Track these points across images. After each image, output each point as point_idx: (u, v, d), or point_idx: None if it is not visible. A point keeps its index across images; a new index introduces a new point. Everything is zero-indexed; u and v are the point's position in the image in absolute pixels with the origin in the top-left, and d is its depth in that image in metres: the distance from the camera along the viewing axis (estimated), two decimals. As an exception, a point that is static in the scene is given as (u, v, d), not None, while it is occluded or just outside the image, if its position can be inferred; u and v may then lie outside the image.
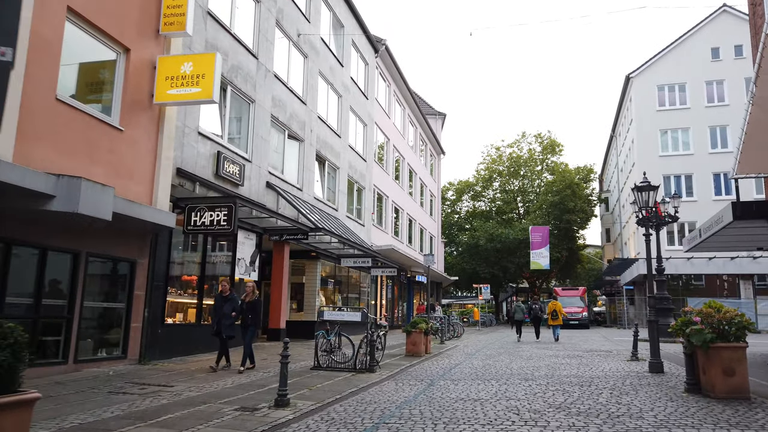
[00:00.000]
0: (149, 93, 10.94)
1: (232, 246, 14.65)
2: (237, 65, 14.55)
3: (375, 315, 24.90)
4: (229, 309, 10.13)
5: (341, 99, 22.42)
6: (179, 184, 12.05)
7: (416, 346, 14.38)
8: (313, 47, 19.60)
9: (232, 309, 10.14)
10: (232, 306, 10.18)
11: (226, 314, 10.07)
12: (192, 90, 10.81)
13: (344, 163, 22.45)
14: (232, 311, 10.13)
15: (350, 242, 19.27)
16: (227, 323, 10.07)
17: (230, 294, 10.36)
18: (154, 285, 11.34)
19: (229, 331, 10.14)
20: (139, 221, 10.07)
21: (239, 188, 14.29)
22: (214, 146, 13.43)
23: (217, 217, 11.68)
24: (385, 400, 7.65)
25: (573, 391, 8.27)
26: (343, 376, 10.10)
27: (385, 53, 27.85)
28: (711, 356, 7.25)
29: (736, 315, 7.35)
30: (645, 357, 13.26)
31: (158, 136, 11.18)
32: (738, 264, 32.12)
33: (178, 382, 8.85)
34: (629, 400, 7.43)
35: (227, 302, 10.17)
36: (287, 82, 17.64)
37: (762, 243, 13.56)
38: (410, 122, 34.96)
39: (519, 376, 10.19)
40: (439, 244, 43.56)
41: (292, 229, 15.96)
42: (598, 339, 22.98)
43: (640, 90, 37.23)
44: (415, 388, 8.79)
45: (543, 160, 53.61)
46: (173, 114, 11.56)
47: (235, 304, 10.20)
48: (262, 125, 15.80)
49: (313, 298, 19.59)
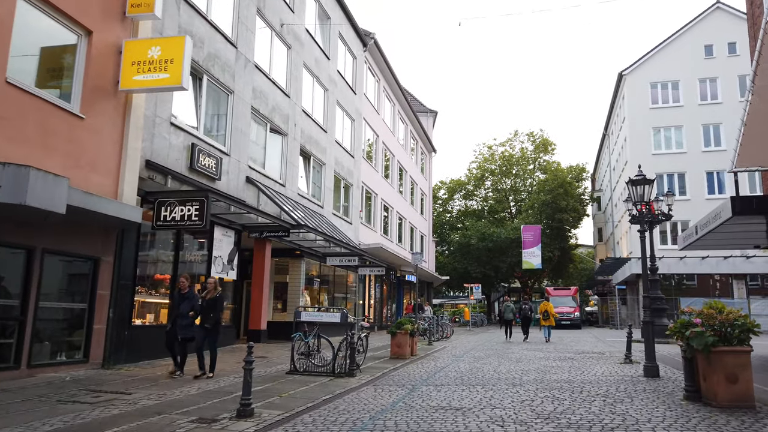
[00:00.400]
0: (114, 79, 10.24)
1: (208, 243, 13.97)
2: (214, 54, 13.87)
3: (363, 315, 24.26)
4: (187, 308, 9.30)
5: (327, 93, 21.76)
6: (149, 177, 11.35)
7: (401, 348, 13.76)
8: (298, 38, 18.93)
9: (191, 308, 9.31)
10: (191, 304, 9.35)
11: (183, 313, 9.25)
12: (160, 76, 10.12)
13: (330, 159, 21.79)
14: (190, 310, 9.30)
15: (336, 240, 18.62)
16: (184, 323, 9.24)
17: (189, 291, 9.47)
18: (120, 284, 10.64)
19: (186, 332, 9.28)
20: (101, 216, 9.38)
21: (216, 183, 13.61)
22: (189, 138, 12.74)
23: (189, 212, 11.00)
24: (359, 409, 7.03)
25: (563, 398, 7.68)
26: (319, 381, 9.46)
27: (373, 47, 27.21)
28: (713, 361, 6.68)
29: (739, 316, 6.79)
30: (639, 359, 12.72)
31: (124, 125, 10.48)
32: (731, 263, 31.78)
33: (139, 389, 8.18)
34: (624, 408, 6.84)
35: (185, 300, 9.34)
36: (269, 73, 16.96)
37: (759, 241, 13.05)
38: (400, 119, 34.34)
39: (506, 381, 9.59)
40: (430, 244, 42.98)
41: (273, 225, 15.29)
42: (590, 340, 22.47)
43: (632, 87, 36.80)
44: (394, 395, 8.17)
45: (535, 159, 53.25)
46: (141, 102, 10.87)
47: (194, 303, 9.36)
48: (241, 117, 15.12)
49: (297, 298, 18.93)
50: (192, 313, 9.27)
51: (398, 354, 13.68)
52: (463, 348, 17.78)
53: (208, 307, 9.30)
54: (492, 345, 19.23)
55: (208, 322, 9.21)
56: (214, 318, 9.27)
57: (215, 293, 9.47)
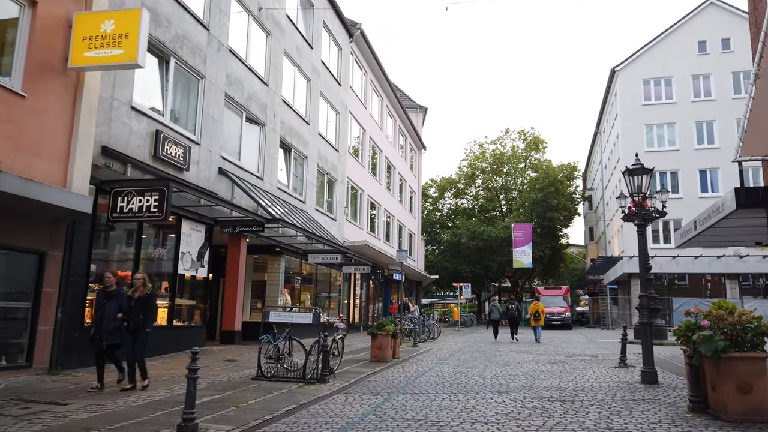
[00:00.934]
0: (63, 56, 9.29)
1: (175, 238, 13.04)
2: (182, 35, 12.93)
3: (337, 315, 23.33)
4: (113, 308, 8.12)
5: (310, 83, 20.85)
6: (105, 164, 10.41)
7: (382, 350, 12.92)
8: (278, 24, 18.01)
9: (117, 308, 8.14)
10: (117, 304, 8.04)
11: (108, 314, 8.07)
12: (113, 52, 9.19)
13: (313, 152, 20.88)
14: (118, 311, 8.10)
15: (317, 237, 17.73)
16: (110, 327, 8.05)
17: (116, 289, 8.22)
18: (70, 281, 9.69)
19: (113, 337, 7.96)
20: (46, 205, 8.43)
21: (184, 173, 12.68)
22: (153, 124, 11.80)
23: (147, 202, 10.07)
24: (323, 423, 6.17)
25: (554, 409, 6.85)
26: (287, 388, 8.59)
27: (360, 38, 26.32)
28: (723, 369, 5.88)
29: (753, 318, 5.99)
30: (634, 363, 11.97)
31: (75, 106, 9.52)
32: (724, 263, 31.24)
33: (78, 399, 7.26)
34: (622, 423, 6.02)
35: (111, 299, 8.15)
36: (246, 59, 16.04)
37: (761, 237, 12.34)
38: (389, 114, 33.47)
39: (492, 387, 8.76)
40: (420, 242, 42.15)
41: (247, 220, 14.35)
42: (581, 341, 21.73)
43: (625, 84, 36.17)
44: (366, 405, 7.31)
45: (526, 158, 52.58)
46: (95, 82, 9.92)
47: (122, 302, 8.17)
48: (213, 104, 14.19)
49: (276, 297, 18.03)
50: (119, 315, 8.01)
51: (379, 357, 12.84)
52: (450, 350, 16.95)
53: (137, 308, 8.06)
54: (480, 346, 18.42)
55: (135, 325, 8.00)
56: (145, 321, 8.06)
57: (145, 291, 8.19)
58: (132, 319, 8.00)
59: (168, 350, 12.28)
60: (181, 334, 13.21)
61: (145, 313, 8.07)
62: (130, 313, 8.02)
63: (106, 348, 8.02)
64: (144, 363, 8.16)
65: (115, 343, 8.01)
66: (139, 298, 8.11)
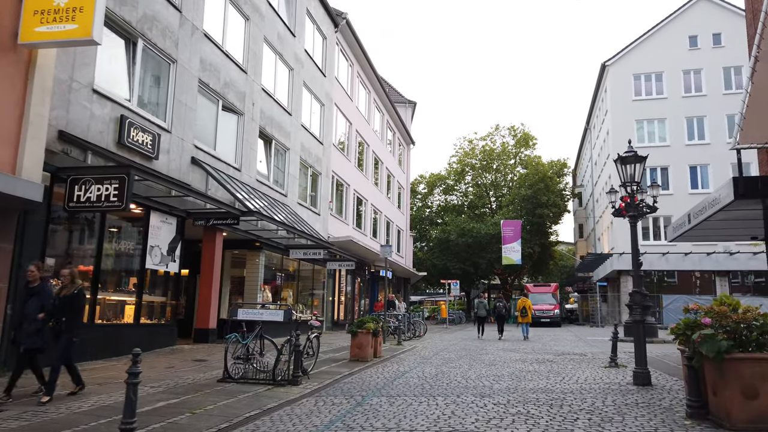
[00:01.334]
0: (12, 31, 8.55)
1: (143, 231, 12.32)
2: (152, 15, 12.19)
3: (316, 313, 22.70)
4: (35, 307, 6.88)
5: (293, 73, 20.13)
6: (63, 150, 9.68)
7: (362, 349, 12.30)
8: (257, 9, 17.28)
9: (39, 307, 6.88)
10: (40, 302, 6.90)
11: (28, 314, 7.03)
12: (66, 27, 8.46)
13: (296, 144, 20.18)
14: (40, 311, 6.86)
15: (298, 231, 17.06)
16: (30, 329, 6.81)
17: (40, 285, 7.07)
18: (21, 276, 8.95)
19: (33, 340, 6.82)
20: (-9, 193, 7.72)
21: (153, 162, 11.96)
22: (117, 109, 11.06)
23: (107, 191, 9.34)
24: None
25: (540, 415, 6.26)
26: (254, 390, 7.94)
27: (346, 29, 25.61)
28: (726, 371, 5.32)
29: (759, 315, 5.44)
30: (625, 362, 11.45)
31: (26, 87, 8.78)
32: (714, 260, 30.98)
33: (17, 405, 6.57)
34: (615, 431, 5.44)
35: (33, 297, 7.09)
36: (222, 45, 15.30)
37: (757, 231, 11.83)
38: (376, 108, 32.80)
39: (474, 390, 8.16)
40: (408, 238, 41.56)
41: (222, 212, 13.64)
42: (570, 339, 21.25)
43: (615, 79, 35.75)
44: (336, 410, 6.69)
45: (516, 154, 52.20)
46: (50, 62, 9.18)
47: (44, 300, 6.95)
48: (186, 90, 13.47)
49: (255, 294, 17.33)
50: (42, 315, 6.88)
51: (359, 356, 12.22)
52: (434, 348, 16.36)
53: (62, 307, 7.04)
54: (465, 344, 17.85)
55: (57, 327, 7.02)
56: (71, 322, 7.08)
57: (72, 289, 7.17)
58: (55, 321, 7.03)
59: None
60: (150, 333, 12.50)
61: (70, 315, 7.07)
62: (55, 313, 7.02)
63: (24, 352, 6.95)
64: (74, 368, 7.27)
65: (34, 347, 6.90)
66: (65, 296, 7.09)
